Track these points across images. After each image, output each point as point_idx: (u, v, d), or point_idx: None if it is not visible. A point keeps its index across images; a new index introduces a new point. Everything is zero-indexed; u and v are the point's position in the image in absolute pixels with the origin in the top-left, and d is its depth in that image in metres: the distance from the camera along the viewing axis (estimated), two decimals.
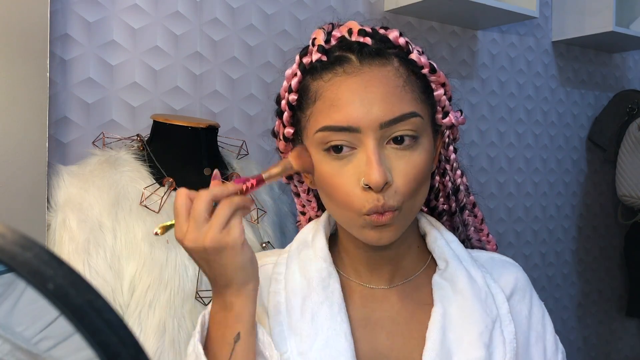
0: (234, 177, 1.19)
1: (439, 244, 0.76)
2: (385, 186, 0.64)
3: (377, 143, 0.65)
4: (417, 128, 0.66)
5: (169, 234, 1.05)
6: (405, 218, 0.68)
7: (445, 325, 0.70)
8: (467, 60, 2.02)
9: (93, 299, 0.26)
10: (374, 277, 0.75)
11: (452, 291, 0.73)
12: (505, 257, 0.82)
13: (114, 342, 0.26)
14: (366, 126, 0.64)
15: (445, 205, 0.81)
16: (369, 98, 0.65)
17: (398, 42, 0.69)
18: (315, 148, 0.68)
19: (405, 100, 0.66)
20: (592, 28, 2.15)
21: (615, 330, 2.55)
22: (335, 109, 0.65)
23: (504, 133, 2.14)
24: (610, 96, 2.49)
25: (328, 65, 0.68)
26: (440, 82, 0.72)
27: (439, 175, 0.79)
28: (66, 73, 1.27)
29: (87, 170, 1.07)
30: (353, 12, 1.72)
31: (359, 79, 0.65)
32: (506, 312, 0.73)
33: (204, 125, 1.16)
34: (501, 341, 0.71)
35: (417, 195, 0.68)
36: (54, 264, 0.27)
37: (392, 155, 0.66)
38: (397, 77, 0.67)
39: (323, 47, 0.68)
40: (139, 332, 0.99)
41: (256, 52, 1.54)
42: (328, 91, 0.67)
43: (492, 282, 0.76)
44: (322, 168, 0.68)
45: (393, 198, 0.65)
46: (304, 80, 0.70)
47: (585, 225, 2.44)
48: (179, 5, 1.41)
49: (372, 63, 0.66)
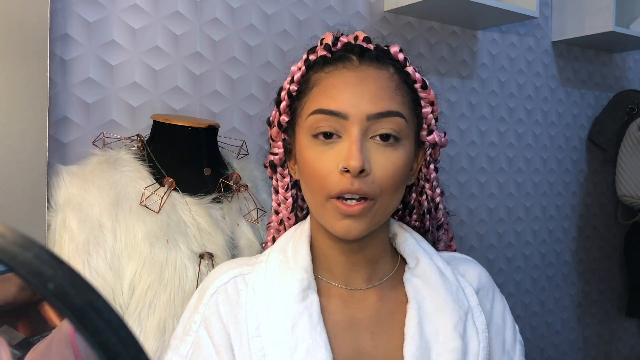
0: (233, 177, 1.19)
1: (408, 242, 0.79)
2: (362, 173, 0.67)
3: (362, 133, 0.68)
4: (401, 130, 0.70)
5: (169, 234, 1.05)
6: (377, 214, 0.70)
7: (422, 319, 0.73)
8: (467, 60, 2.02)
9: (93, 299, 0.26)
10: (352, 279, 0.76)
11: (424, 286, 0.76)
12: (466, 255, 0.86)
13: (114, 342, 0.26)
14: (354, 115, 0.68)
15: (417, 223, 0.84)
16: (361, 91, 0.69)
17: (397, 57, 0.74)
18: (305, 134, 0.71)
19: (394, 100, 0.71)
20: (592, 28, 2.16)
21: (615, 330, 2.55)
22: (329, 95, 0.70)
23: (504, 133, 2.14)
24: (610, 96, 2.49)
25: (330, 60, 0.73)
26: (429, 100, 0.76)
27: (416, 194, 0.82)
28: (66, 73, 1.27)
29: (87, 170, 1.07)
30: (353, 12, 1.72)
31: (355, 74, 0.71)
32: (476, 304, 0.77)
33: (204, 125, 1.16)
34: (474, 331, 0.75)
35: (394, 194, 0.71)
36: (54, 264, 0.26)
37: (374, 149, 0.69)
38: (390, 80, 0.72)
39: (329, 45, 0.74)
40: (139, 332, 0.99)
41: (256, 52, 1.54)
42: (325, 80, 0.72)
43: (460, 277, 0.79)
44: (306, 153, 0.71)
45: (369, 186, 0.68)
46: (307, 74, 0.75)
47: (585, 225, 2.44)
48: (179, 5, 1.41)
49: (370, 65, 0.72)
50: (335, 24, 1.67)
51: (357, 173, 0.67)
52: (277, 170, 0.81)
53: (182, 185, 1.12)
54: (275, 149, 0.79)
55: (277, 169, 0.81)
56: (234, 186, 1.17)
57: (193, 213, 1.09)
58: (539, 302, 2.25)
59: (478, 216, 2.04)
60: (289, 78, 0.76)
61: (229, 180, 1.17)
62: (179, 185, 1.11)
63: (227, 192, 1.16)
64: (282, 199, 0.83)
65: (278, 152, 0.79)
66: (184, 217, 1.08)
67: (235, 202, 1.16)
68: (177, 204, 1.09)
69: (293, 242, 0.78)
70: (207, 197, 1.12)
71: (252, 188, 1.20)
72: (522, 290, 2.18)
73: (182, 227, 1.07)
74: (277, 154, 0.79)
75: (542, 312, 2.26)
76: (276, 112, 0.78)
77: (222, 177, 1.16)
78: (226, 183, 1.16)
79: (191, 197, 1.11)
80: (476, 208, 2.04)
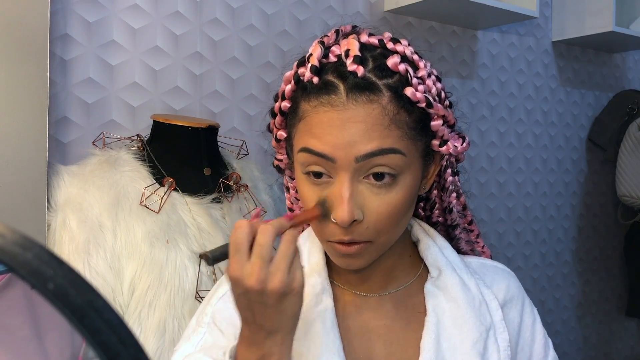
0: (233, 177, 1.19)
1: (431, 251, 0.76)
2: (354, 223, 0.63)
3: (352, 177, 0.63)
4: (397, 166, 0.64)
5: (169, 234, 1.05)
6: (377, 249, 0.68)
7: (439, 334, 0.70)
8: (467, 60, 2.02)
9: (93, 299, 0.26)
10: (366, 286, 0.75)
11: (445, 299, 0.72)
12: (497, 262, 0.82)
13: (114, 342, 0.26)
14: (342, 158, 0.63)
15: (440, 218, 0.81)
16: (348, 133, 0.63)
17: (397, 69, 0.65)
18: (299, 166, 0.68)
19: (388, 137, 0.63)
20: (592, 28, 2.16)
21: (615, 330, 2.55)
22: (314, 135, 0.64)
23: (504, 133, 2.14)
24: (610, 96, 2.49)
25: (316, 90, 0.65)
26: (440, 114, 0.68)
27: (438, 189, 0.79)
28: (66, 73, 1.27)
29: (87, 170, 1.07)
30: (353, 12, 1.72)
31: (341, 114, 0.63)
32: (500, 320, 0.73)
33: (204, 125, 1.16)
34: (495, 349, 0.71)
35: (394, 228, 0.67)
36: (54, 264, 0.27)
37: (367, 191, 0.64)
38: (382, 115, 0.63)
39: (316, 67, 0.65)
40: (139, 332, 0.99)
41: (256, 52, 1.54)
42: (310, 117, 0.65)
43: (486, 289, 0.75)
44: (302, 187, 0.68)
45: (362, 234, 0.64)
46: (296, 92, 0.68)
47: (585, 225, 2.44)
48: (179, 5, 1.41)
49: (359, 99, 0.63)
50: (335, 24, 1.66)
51: (347, 226, 0.63)
52: (285, 172, 0.80)
53: (182, 185, 1.12)
54: (279, 155, 0.77)
55: (285, 172, 0.80)
56: (234, 186, 1.17)
57: (193, 213, 1.09)
58: (539, 302, 2.25)
59: (478, 216, 2.04)
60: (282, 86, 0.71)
61: (229, 180, 1.17)
62: (179, 185, 1.11)
63: (227, 192, 1.16)
64: (293, 199, 0.82)
65: (282, 158, 0.77)
66: (184, 217, 1.08)
67: (235, 202, 1.16)
68: (177, 204, 1.09)
69: (309, 244, 0.77)
70: (207, 197, 1.12)
71: (252, 188, 1.20)
72: None
73: (182, 227, 1.07)
74: (282, 160, 0.77)
75: (542, 312, 2.26)
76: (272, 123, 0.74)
77: (222, 177, 1.16)
78: (226, 183, 1.16)
79: (191, 197, 1.11)
80: (476, 208, 2.04)
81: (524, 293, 0.79)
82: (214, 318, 0.73)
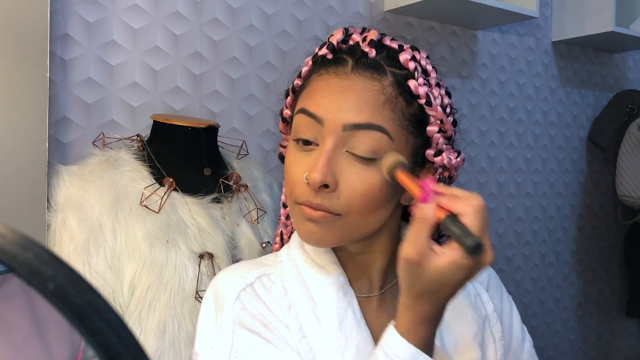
0: (233, 177, 1.18)
1: None
2: (325, 190, 0.64)
3: (336, 145, 0.64)
4: (381, 148, 0.64)
5: (169, 234, 1.05)
6: (346, 230, 0.66)
7: (442, 328, 0.70)
8: (467, 60, 2.02)
9: (93, 299, 0.26)
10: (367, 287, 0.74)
11: None
12: None
13: (114, 342, 0.26)
14: (329, 121, 0.65)
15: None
16: (342, 99, 0.65)
17: (407, 65, 0.68)
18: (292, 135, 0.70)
19: (379, 114, 0.65)
20: (592, 28, 2.16)
21: (615, 330, 2.55)
22: (311, 97, 0.68)
23: (504, 133, 2.14)
24: (610, 96, 2.49)
25: (327, 63, 0.69)
26: (438, 118, 0.69)
27: None
28: (66, 73, 1.27)
29: (87, 170, 1.07)
30: (353, 12, 1.72)
31: (342, 81, 0.66)
32: (492, 311, 0.76)
33: (204, 125, 1.16)
34: (491, 340, 0.74)
35: (368, 214, 0.66)
36: (54, 264, 0.27)
37: (347, 162, 0.65)
38: (380, 93, 0.66)
39: (333, 45, 0.70)
40: (139, 332, 0.99)
41: (256, 52, 1.54)
42: (314, 82, 0.69)
43: (476, 282, 0.78)
44: (288, 155, 0.70)
45: (333, 204, 0.64)
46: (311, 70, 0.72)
47: (585, 225, 2.44)
48: (179, 5, 1.41)
49: (363, 73, 0.67)
50: (335, 24, 1.67)
51: (316, 187, 0.63)
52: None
53: (182, 185, 1.12)
54: (284, 141, 0.78)
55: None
56: (234, 186, 1.17)
57: (193, 213, 1.09)
58: (539, 302, 2.25)
59: None
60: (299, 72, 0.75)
61: (229, 180, 1.17)
62: (179, 185, 1.11)
63: (227, 192, 1.16)
64: None
65: (286, 144, 0.77)
66: (184, 217, 1.08)
67: (235, 202, 1.16)
68: (177, 204, 1.09)
69: None
70: (207, 197, 1.12)
71: (252, 188, 1.20)
72: (522, 290, 2.18)
73: (182, 227, 1.07)
74: (286, 147, 0.77)
75: (542, 312, 2.26)
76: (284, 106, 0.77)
77: (222, 177, 1.16)
78: (226, 183, 1.16)
79: (191, 197, 1.11)
80: None
81: (501, 284, 0.83)
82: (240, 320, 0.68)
